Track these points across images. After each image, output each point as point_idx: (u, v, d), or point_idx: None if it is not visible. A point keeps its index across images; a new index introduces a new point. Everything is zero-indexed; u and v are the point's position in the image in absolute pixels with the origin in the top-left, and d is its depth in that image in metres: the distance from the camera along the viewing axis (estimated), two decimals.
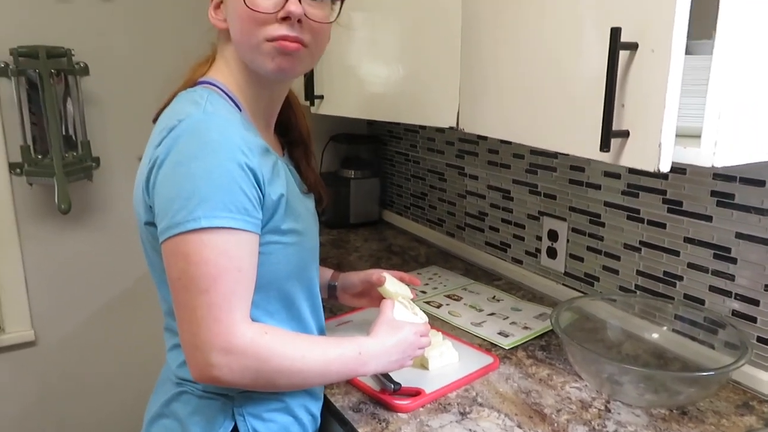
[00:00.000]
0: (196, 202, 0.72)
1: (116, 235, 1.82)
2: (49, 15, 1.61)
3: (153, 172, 0.77)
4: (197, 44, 0.94)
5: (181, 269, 0.74)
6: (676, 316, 1.15)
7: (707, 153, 0.71)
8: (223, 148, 0.74)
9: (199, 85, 0.87)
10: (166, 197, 0.75)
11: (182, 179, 0.73)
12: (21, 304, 1.71)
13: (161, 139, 0.77)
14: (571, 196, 1.38)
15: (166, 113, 0.83)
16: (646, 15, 0.69)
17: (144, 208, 0.81)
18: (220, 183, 0.73)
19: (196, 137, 0.75)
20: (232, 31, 0.85)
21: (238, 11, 0.82)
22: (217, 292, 0.74)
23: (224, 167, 0.74)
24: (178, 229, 0.73)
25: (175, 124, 0.76)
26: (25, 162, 1.60)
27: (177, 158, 0.74)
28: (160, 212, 0.76)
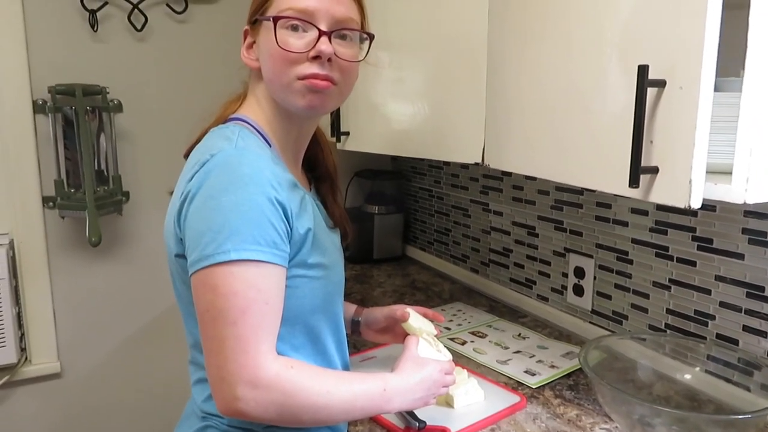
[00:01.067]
0: (226, 235, 0.73)
1: (144, 268, 1.84)
2: (85, 54, 1.68)
3: (185, 205, 0.78)
4: (226, 83, 0.98)
5: (210, 301, 0.75)
6: (708, 357, 1.12)
7: (739, 189, 0.70)
8: (253, 182, 0.75)
9: (231, 121, 0.89)
10: (196, 230, 0.76)
11: (213, 212, 0.74)
12: (48, 335, 1.74)
13: (193, 174, 0.78)
14: (597, 232, 1.37)
15: (198, 148, 0.84)
16: (674, 53, 0.69)
17: (174, 240, 0.82)
18: (249, 216, 0.74)
19: (227, 171, 0.76)
20: (264, 70, 0.88)
21: (270, 51, 0.84)
22: (245, 324, 0.74)
23: (254, 201, 0.75)
24: (207, 261, 0.74)
25: (207, 159, 0.78)
26: (59, 196, 1.64)
27: (208, 192, 0.75)
28: (191, 245, 0.77)
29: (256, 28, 0.89)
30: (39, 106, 1.62)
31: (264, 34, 0.87)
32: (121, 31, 1.71)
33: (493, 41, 1.06)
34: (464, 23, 1.12)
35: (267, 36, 0.85)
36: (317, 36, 0.84)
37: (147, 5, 1.71)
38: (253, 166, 0.77)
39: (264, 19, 0.86)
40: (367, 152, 1.41)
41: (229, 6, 1.83)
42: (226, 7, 1.83)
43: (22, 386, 1.72)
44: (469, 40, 1.10)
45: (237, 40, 1.92)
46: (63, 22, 1.64)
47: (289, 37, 0.84)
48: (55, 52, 1.64)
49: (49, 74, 1.63)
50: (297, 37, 0.84)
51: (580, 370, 1.21)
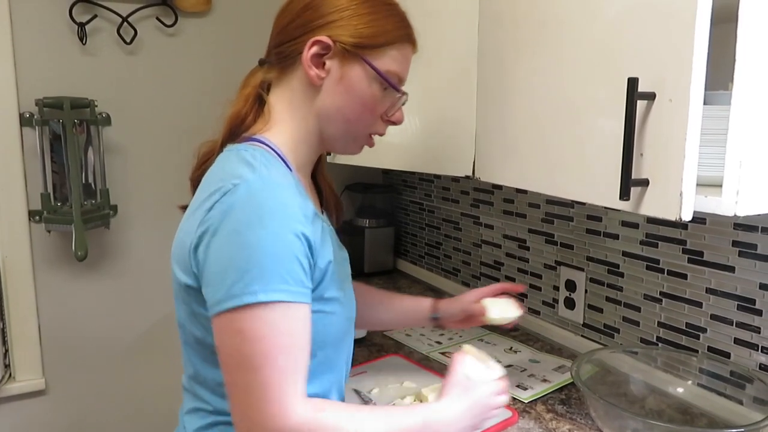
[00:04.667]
0: (253, 275, 0.68)
1: (131, 283, 1.82)
2: (74, 67, 1.67)
3: (204, 238, 0.72)
4: (216, 96, 0.96)
5: (235, 346, 0.70)
6: (700, 370, 1.12)
7: (729, 202, 0.70)
8: (279, 216, 0.71)
9: (248, 141, 0.82)
10: (219, 267, 0.70)
11: (238, 249, 0.69)
12: (33, 351, 1.70)
13: (213, 203, 0.72)
14: (588, 245, 1.37)
15: (215, 172, 0.78)
16: (664, 65, 0.70)
17: (186, 271, 0.77)
18: (277, 254, 0.69)
19: (252, 204, 0.70)
20: (337, 104, 0.84)
21: (363, 99, 0.84)
22: (273, 369, 0.69)
23: (281, 237, 0.70)
24: (232, 302, 0.69)
25: (229, 188, 0.72)
26: (45, 209, 1.62)
27: (232, 226, 0.70)
28: (212, 282, 0.71)
29: (346, 56, 0.82)
30: (26, 119, 1.61)
31: (359, 74, 0.83)
32: (111, 44, 1.70)
33: (484, 55, 1.06)
34: (455, 37, 1.12)
35: (364, 81, 0.83)
36: (399, 101, 0.88)
37: (136, 18, 1.71)
38: (278, 199, 0.72)
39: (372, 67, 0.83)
40: (357, 165, 1.41)
41: (219, 20, 1.83)
42: (215, 20, 1.83)
43: (6, 403, 1.69)
44: (460, 53, 1.10)
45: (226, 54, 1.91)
46: (51, 34, 1.63)
47: (384, 97, 0.85)
48: (43, 64, 1.63)
49: (36, 87, 1.61)
50: (387, 97, 0.86)
51: (572, 384, 1.21)
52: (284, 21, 0.86)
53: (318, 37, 0.81)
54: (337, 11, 0.82)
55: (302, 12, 0.84)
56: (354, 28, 0.82)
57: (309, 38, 0.81)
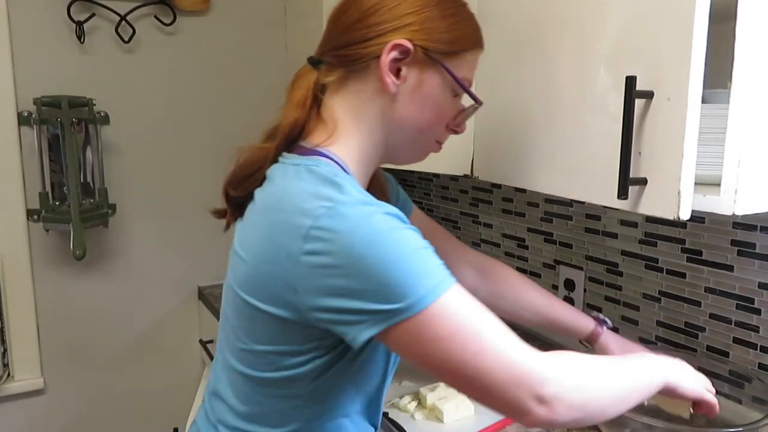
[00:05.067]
0: (416, 278, 0.64)
1: (130, 282, 1.82)
2: (72, 66, 1.67)
3: (310, 271, 0.66)
4: (215, 95, 0.96)
5: (443, 351, 0.65)
6: (699, 369, 1.11)
7: (728, 201, 0.70)
8: (392, 222, 0.67)
9: (314, 155, 0.75)
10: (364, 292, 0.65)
11: (379, 269, 0.64)
12: (31, 350, 1.71)
13: (306, 231, 0.66)
14: (587, 244, 1.37)
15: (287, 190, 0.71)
16: (662, 64, 0.69)
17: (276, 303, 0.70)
18: (415, 253, 0.66)
19: (362, 225, 0.65)
20: (411, 112, 0.78)
21: (438, 107, 0.79)
22: (492, 341, 0.66)
23: (406, 237, 0.67)
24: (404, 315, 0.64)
25: (320, 212, 0.66)
26: (43, 209, 1.62)
27: (354, 251, 0.64)
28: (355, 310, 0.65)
29: (426, 61, 0.76)
30: (24, 118, 1.60)
31: (437, 81, 0.77)
32: (109, 43, 1.70)
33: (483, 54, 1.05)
34: None
35: (441, 88, 0.78)
36: (471, 110, 0.84)
37: (135, 17, 1.70)
38: (380, 210, 0.67)
39: (450, 73, 0.77)
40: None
41: (218, 18, 1.83)
42: (214, 19, 1.83)
43: (4, 403, 1.69)
44: None
45: (225, 52, 1.90)
46: (49, 33, 1.63)
47: (452, 101, 0.81)
48: (41, 63, 1.63)
49: (34, 86, 1.61)
50: (454, 102, 0.81)
51: None
52: (350, 19, 0.77)
53: (398, 40, 0.74)
54: (415, 12, 0.75)
55: (374, 11, 0.76)
56: (434, 32, 0.76)
57: (386, 41, 0.74)
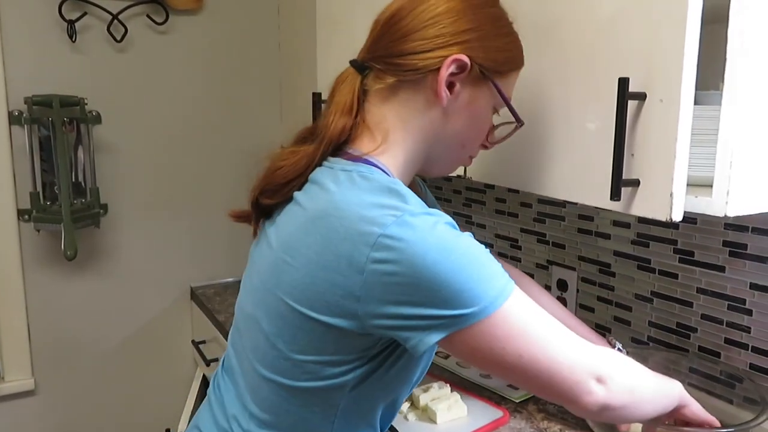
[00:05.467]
0: (486, 282, 0.67)
1: (121, 283, 1.81)
2: (63, 65, 1.66)
3: (378, 278, 0.66)
4: (207, 95, 0.95)
5: (516, 348, 0.68)
6: (691, 369, 1.12)
7: (719, 202, 0.70)
8: (456, 232, 0.69)
9: (363, 162, 0.75)
10: (434, 300, 0.65)
11: (449, 277, 0.65)
12: (22, 351, 1.69)
13: (375, 239, 0.65)
14: (580, 245, 1.37)
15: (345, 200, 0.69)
16: (654, 65, 0.70)
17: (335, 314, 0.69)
18: (480, 258, 0.68)
19: (431, 234, 0.66)
20: (457, 127, 0.79)
21: (481, 123, 0.81)
22: (557, 337, 0.70)
23: (471, 244, 0.69)
24: (477, 317, 0.66)
25: (389, 221, 0.65)
26: (34, 209, 1.61)
27: (425, 260, 0.65)
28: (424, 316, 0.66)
29: (479, 78, 0.77)
30: (15, 117, 1.59)
31: (486, 98, 0.79)
32: (101, 42, 1.69)
33: None
34: None
35: (487, 105, 0.80)
36: (512, 129, 0.85)
37: (127, 16, 1.70)
38: (442, 220, 0.68)
39: (499, 92, 0.79)
40: None
41: (210, 18, 1.82)
42: (207, 18, 1.82)
43: None
44: None
45: (218, 52, 1.90)
46: (40, 32, 1.62)
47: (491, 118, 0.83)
48: (32, 62, 1.62)
49: (25, 85, 1.60)
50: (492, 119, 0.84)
51: None
52: (408, 28, 0.75)
53: (458, 55, 0.74)
54: (475, 29, 0.75)
55: (434, 23, 0.75)
56: (491, 50, 0.77)
57: (445, 54, 0.74)
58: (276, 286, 0.73)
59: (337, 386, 0.74)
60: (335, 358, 0.72)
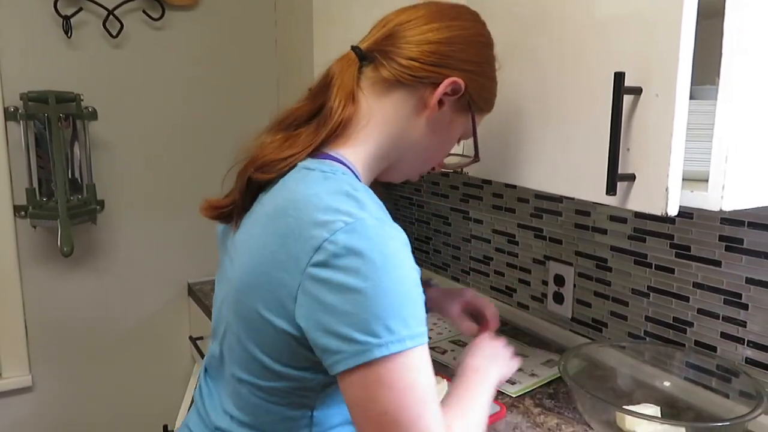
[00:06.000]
0: (398, 320, 0.64)
1: (118, 279, 1.81)
2: (59, 61, 1.65)
3: (311, 283, 0.66)
4: (203, 90, 0.95)
5: (389, 400, 0.64)
6: (687, 364, 1.13)
7: (715, 197, 0.70)
8: (405, 255, 0.67)
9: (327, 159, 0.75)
10: (351, 317, 0.64)
11: (375, 297, 0.63)
12: (19, 348, 1.69)
13: (320, 243, 0.65)
14: (577, 240, 1.37)
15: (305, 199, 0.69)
16: (650, 60, 0.69)
17: (279, 314, 0.69)
18: (413, 295, 0.66)
19: (376, 248, 0.64)
20: (429, 140, 0.82)
21: (449, 140, 0.85)
22: (430, 413, 0.66)
23: (412, 277, 0.66)
24: (379, 352, 0.63)
25: (338, 227, 0.65)
26: (30, 205, 1.61)
27: (358, 272, 0.64)
28: (338, 334, 0.65)
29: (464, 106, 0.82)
30: (10, 113, 1.59)
31: (463, 122, 0.84)
32: (96, 38, 1.69)
33: None
34: None
35: (462, 128, 0.85)
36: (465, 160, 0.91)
37: (123, 11, 1.69)
38: (398, 238, 0.67)
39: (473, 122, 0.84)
40: None
41: (207, 13, 1.82)
42: (203, 14, 1.81)
43: None
44: None
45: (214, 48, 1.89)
46: (36, 27, 1.61)
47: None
48: (27, 58, 1.61)
49: (21, 81, 1.60)
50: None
51: (561, 378, 1.21)
52: (426, 38, 0.77)
53: (458, 79, 0.77)
54: (478, 63, 0.81)
55: (450, 43, 0.78)
56: (483, 88, 0.83)
57: (448, 74, 0.77)
58: (243, 286, 0.73)
59: (308, 388, 0.75)
60: (294, 362, 0.72)
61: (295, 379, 0.74)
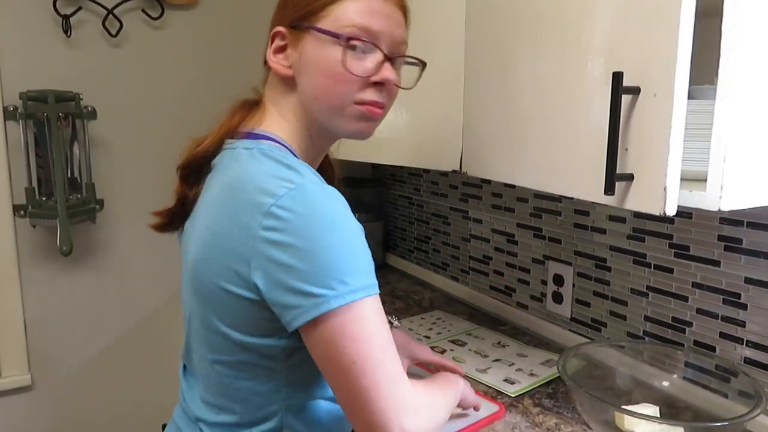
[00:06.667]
0: (350, 273, 0.69)
1: (118, 278, 1.81)
2: (58, 60, 1.65)
3: (264, 246, 0.69)
4: (203, 89, 0.95)
5: (355, 351, 0.69)
6: (686, 363, 1.12)
7: (713, 197, 0.70)
8: (348, 214, 0.72)
9: (257, 138, 0.81)
10: (307, 273, 0.68)
11: (326, 253, 0.68)
12: (19, 347, 1.69)
13: (267, 208, 0.69)
14: (576, 240, 1.37)
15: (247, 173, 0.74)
16: (649, 60, 0.69)
17: (237, 283, 0.72)
18: (361, 249, 0.71)
19: (321, 208, 0.69)
20: (308, 86, 0.81)
21: (324, 68, 0.78)
22: (391, 359, 0.71)
23: (357, 232, 0.71)
24: (336, 302, 0.68)
25: (282, 192, 0.69)
26: (29, 204, 1.61)
27: (308, 231, 0.68)
28: (296, 290, 0.68)
29: (298, 34, 0.80)
30: (10, 112, 1.59)
31: (313, 44, 0.79)
32: (96, 37, 1.69)
33: (471, 51, 1.05)
34: (442, 33, 1.11)
35: (319, 49, 0.78)
36: (382, 60, 0.79)
37: (122, 11, 1.69)
38: (339, 199, 0.72)
39: (319, 30, 0.78)
40: (346, 160, 1.40)
41: (206, 12, 1.82)
42: (202, 13, 1.81)
43: None
44: (447, 48, 1.10)
45: (214, 47, 1.89)
46: (35, 27, 1.61)
47: (349, 57, 0.77)
48: (26, 57, 1.61)
49: (20, 80, 1.59)
50: (358, 57, 0.78)
51: (560, 378, 1.21)
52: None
53: (274, 29, 0.82)
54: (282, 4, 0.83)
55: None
56: (296, 5, 0.81)
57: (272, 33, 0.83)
58: (197, 264, 0.77)
59: (272, 356, 0.77)
60: (256, 330, 0.75)
61: (259, 349, 0.76)
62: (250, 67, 1.89)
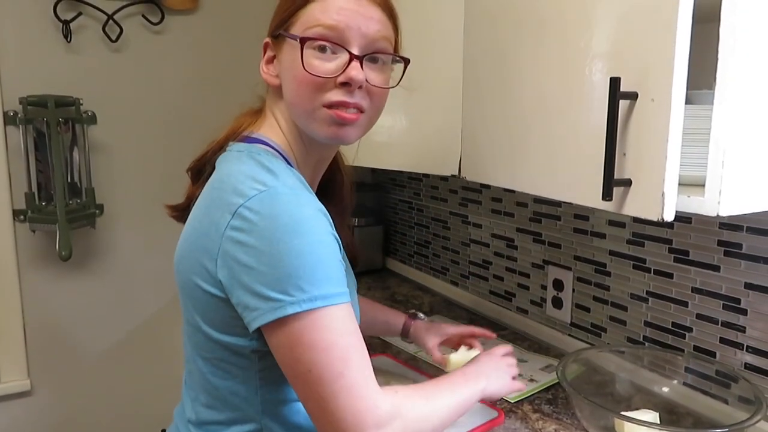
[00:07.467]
0: (310, 281, 0.68)
1: (117, 283, 1.81)
2: (59, 65, 1.65)
3: (230, 245, 0.71)
4: (203, 95, 0.96)
5: (310, 360, 0.69)
6: (686, 369, 1.12)
7: (712, 202, 0.70)
8: (316, 220, 0.71)
9: (252, 142, 0.83)
10: (265, 276, 0.69)
11: (286, 257, 0.68)
12: (18, 352, 1.69)
13: (236, 208, 0.71)
14: (575, 244, 1.37)
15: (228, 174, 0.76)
16: (646, 65, 0.69)
17: (208, 280, 0.74)
18: (325, 257, 0.70)
19: (288, 213, 0.70)
20: (286, 91, 0.82)
21: (294, 72, 0.78)
22: (351, 371, 0.70)
23: (324, 240, 0.71)
24: (291, 309, 0.68)
25: (253, 194, 0.71)
26: (29, 209, 1.61)
27: (273, 234, 0.68)
28: (255, 292, 0.69)
29: (278, 43, 0.82)
30: (10, 117, 1.59)
31: (288, 51, 0.80)
32: (96, 42, 1.69)
33: (469, 56, 1.05)
34: (441, 38, 1.11)
35: (291, 55, 0.79)
36: (348, 60, 0.77)
37: (122, 16, 1.69)
38: (312, 205, 0.72)
39: (288, 36, 0.79)
40: (346, 165, 1.40)
41: (206, 17, 1.82)
42: (202, 18, 1.81)
43: None
44: (446, 53, 1.10)
45: (213, 52, 1.90)
46: (35, 32, 1.61)
47: (316, 59, 0.77)
48: (27, 62, 1.61)
49: (20, 85, 1.60)
50: (325, 59, 0.77)
51: (559, 383, 1.20)
52: None
53: (264, 41, 0.85)
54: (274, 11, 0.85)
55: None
56: (276, 14, 0.84)
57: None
58: (180, 260, 0.80)
59: (243, 355, 0.77)
60: (227, 328, 0.76)
61: (232, 348, 0.77)
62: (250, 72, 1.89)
